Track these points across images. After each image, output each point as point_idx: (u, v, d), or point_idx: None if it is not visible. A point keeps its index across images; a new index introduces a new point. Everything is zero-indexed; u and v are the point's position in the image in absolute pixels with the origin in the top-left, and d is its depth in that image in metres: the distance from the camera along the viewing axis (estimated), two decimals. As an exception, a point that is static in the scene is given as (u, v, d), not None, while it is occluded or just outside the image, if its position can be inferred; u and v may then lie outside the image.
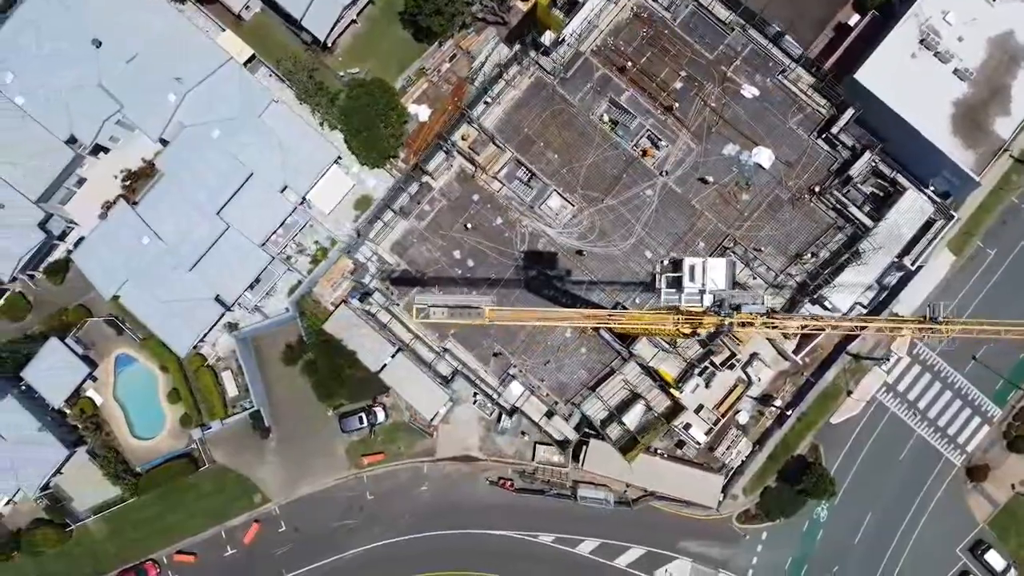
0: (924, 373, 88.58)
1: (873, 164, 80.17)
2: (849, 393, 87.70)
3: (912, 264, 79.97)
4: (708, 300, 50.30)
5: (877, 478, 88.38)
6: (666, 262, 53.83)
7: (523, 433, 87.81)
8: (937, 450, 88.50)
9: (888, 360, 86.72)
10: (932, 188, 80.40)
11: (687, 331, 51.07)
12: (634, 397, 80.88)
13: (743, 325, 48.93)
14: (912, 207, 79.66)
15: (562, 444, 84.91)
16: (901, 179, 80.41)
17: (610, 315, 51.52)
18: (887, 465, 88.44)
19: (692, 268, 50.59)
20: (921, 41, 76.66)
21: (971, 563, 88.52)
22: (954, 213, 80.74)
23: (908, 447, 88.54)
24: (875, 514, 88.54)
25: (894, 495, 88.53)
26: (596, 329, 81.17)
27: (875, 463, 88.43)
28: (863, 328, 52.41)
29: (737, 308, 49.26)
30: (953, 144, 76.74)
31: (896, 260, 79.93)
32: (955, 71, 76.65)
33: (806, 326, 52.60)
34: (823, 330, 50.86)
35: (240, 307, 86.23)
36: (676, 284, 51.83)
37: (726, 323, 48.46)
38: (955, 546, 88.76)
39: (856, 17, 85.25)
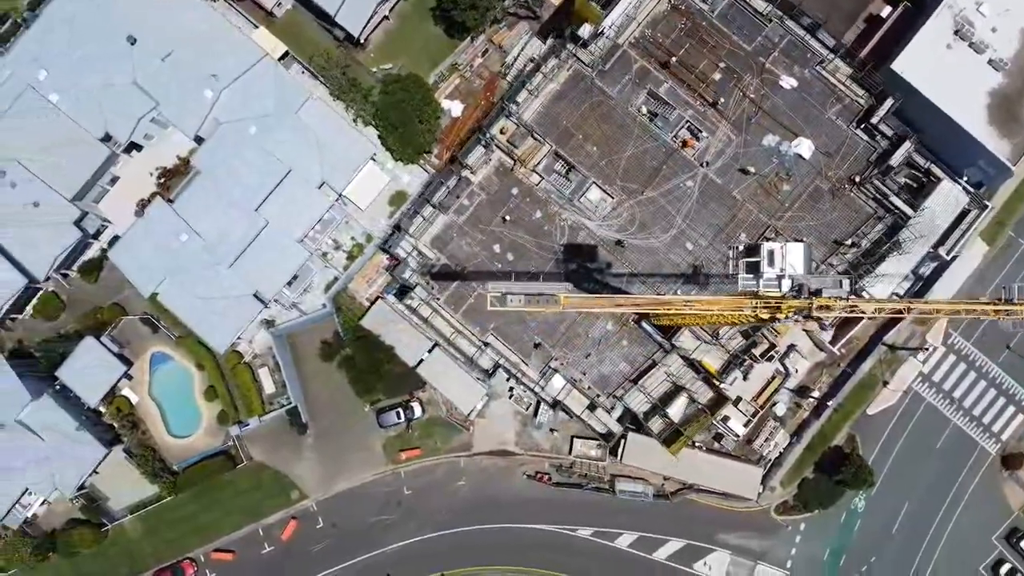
0: (959, 363, 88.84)
1: (907, 154, 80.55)
2: (885, 384, 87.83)
3: (947, 254, 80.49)
4: (787, 285, 50.49)
5: (913, 468, 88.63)
6: (740, 247, 53.85)
7: (552, 430, 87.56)
8: (972, 439, 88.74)
9: (926, 350, 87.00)
10: (965, 178, 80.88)
11: (765, 316, 51.21)
12: (677, 389, 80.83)
13: (822, 309, 49.07)
14: (947, 197, 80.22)
15: (605, 437, 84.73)
16: (935, 169, 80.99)
17: (686, 301, 51.53)
18: (923, 455, 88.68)
19: (771, 253, 50.74)
20: (956, 32, 77.09)
21: (1007, 551, 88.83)
22: (988, 203, 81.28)
23: (944, 437, 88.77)
24: (912, 504, 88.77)
25: (930, 485, 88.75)
26: (638, 321, 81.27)
27: (911, 453, 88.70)
28: (938, 312, 52.64)
29: (817, 292, 49.58)
30: (989, 134, 77.22)
31: (931, 250, 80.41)
32: (990, 61, 77.09)
33: (882, 309, 52.69)
34: (901, 313, 50.86)
35: (277, 303, 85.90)
36: (753, 270, 51.91)
37: (813, 306, 48.57)
38: (991, 534, 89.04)
39: (888, 9, 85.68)
